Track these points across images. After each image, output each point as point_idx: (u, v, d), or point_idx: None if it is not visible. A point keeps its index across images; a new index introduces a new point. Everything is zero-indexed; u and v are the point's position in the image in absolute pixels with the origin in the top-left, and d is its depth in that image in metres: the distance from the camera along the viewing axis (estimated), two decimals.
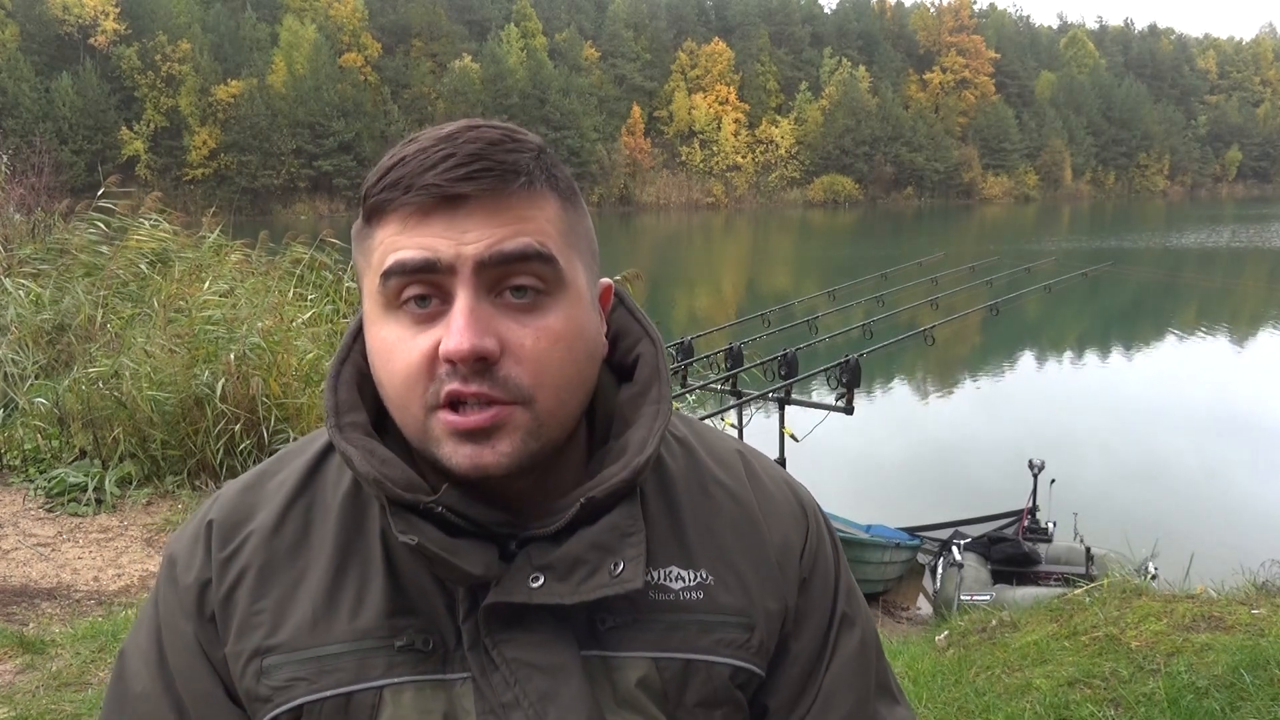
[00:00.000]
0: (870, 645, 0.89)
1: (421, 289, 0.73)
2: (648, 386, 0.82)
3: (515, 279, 0.73)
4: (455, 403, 0.72)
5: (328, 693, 0.76)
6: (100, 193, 9.37)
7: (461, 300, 0.71)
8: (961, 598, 6.51)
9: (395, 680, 0.76)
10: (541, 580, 0.75)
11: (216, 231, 8.85)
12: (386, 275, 0.73)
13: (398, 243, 0.73)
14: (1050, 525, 7.83)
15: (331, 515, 0.82)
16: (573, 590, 0.75)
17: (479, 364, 0.71)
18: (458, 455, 0.73)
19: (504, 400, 0.72)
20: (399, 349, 0.73)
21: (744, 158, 77.06)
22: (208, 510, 0.85)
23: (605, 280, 0.84)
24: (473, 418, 0.72)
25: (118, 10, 60.13)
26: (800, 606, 0.86)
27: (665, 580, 0.80)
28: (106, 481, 5.57)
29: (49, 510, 5.43)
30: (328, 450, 0.85)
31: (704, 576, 0.81)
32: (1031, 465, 7.83)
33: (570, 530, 0.76)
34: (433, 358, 0.72)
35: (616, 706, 0.77)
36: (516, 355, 0.72)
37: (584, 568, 0.75)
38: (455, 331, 0.70)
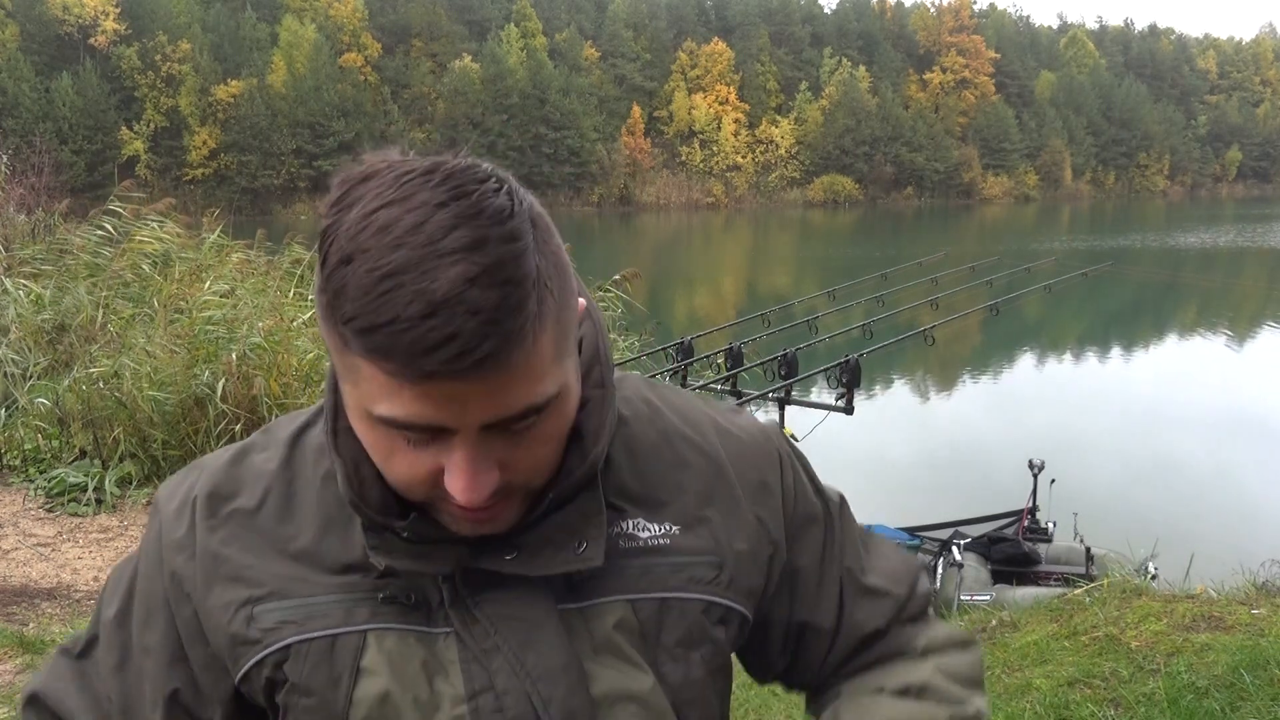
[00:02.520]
0: (845, 511, 0.98)
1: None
2: (589, 370, 0.83)
3: (514, 423, 0.72)
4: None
5: (315, 634, 0.80)
6: (111, 197, 9.36)
7: (463, 455, 0.72)
8: (961, 598, 6.51)
9: (379, 626, 0.80)
10: (514, 555, 0.79)
11: (217, 232, 8.85)
12: (385, 422, 0.71)
13: (394, 398, 0.69)
14: (1050, 525, 7.83)
15: (313, 490, 0.85)
16: (542, 565, 0.79)
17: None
18: (460, 526, 0.77)
19: (504, 498, 0.76)
20: (397, 458, 0.74)
21: (744, 158, 77.02)
22: (194, 484, 0.88)
23: (580, 301, 0.80)
24: (480, 514, 0.76)
25: (118, 10, 60.12)
26: (791, 533, 0.91)
27: (634, 531, 0.84)
28: (106, 481, 5.58)
29: (49, 510, 5.43)
30: (310, 426, 0.89)
31: (669, 528, 0.85)
32: (1031, 465, 7.83)
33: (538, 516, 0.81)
34: (435, 478, 0.73)
35: (595, 653, 0.81)
36: (515, 469, 0.75)
37: (551, 546, 0.80)
38: (462, 488, 0.72)
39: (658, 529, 0.84)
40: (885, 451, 11.06)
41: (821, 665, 0.95)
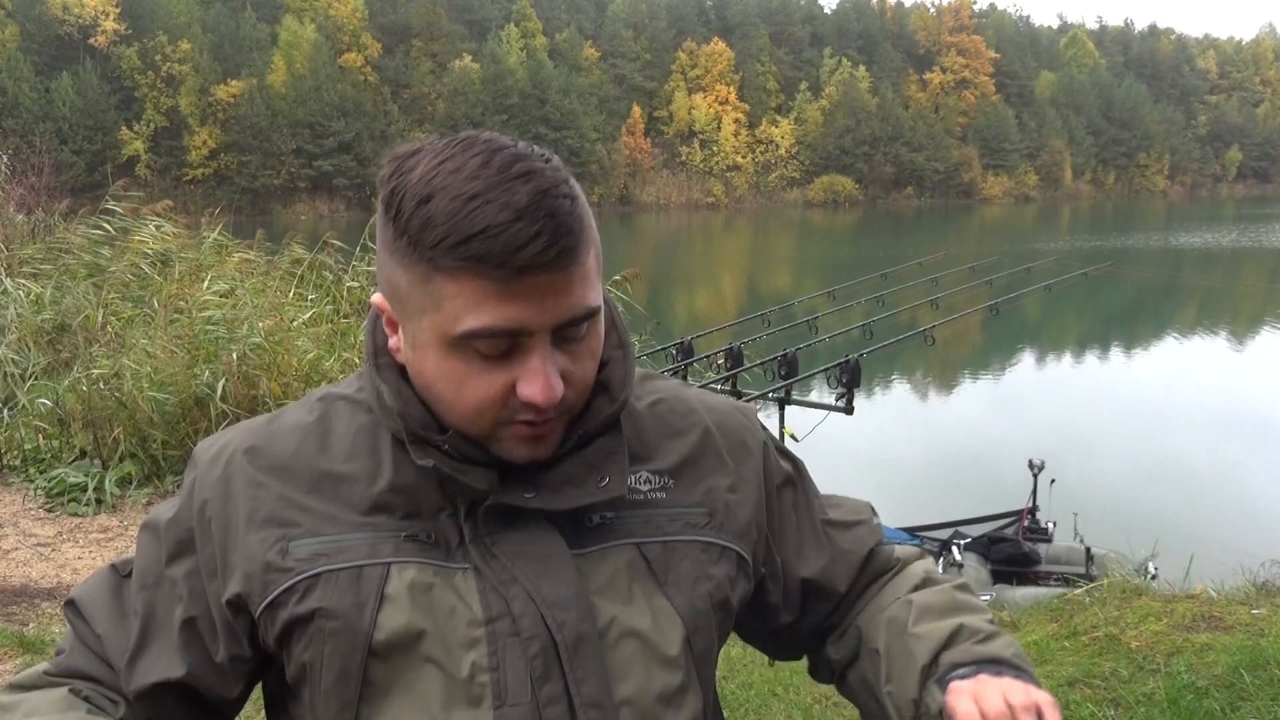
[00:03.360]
0: (805, 469, 1.10)
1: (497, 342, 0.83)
2: (609, 334, 0.95)
3: (574, 329, 0.85)
4: (527, 424, 0.86)
5: (343, 565, 0.89)
6: (106, 196, 9.35)
7: (539, 357, 0.83)
8: None
9: (401, 559, 0.89)
10: (534, 493, 0.89)
11: (217, 231, 8.85)
12: (471, 335, 0.82)
13: (481, 306, 0.81)
14: (1050, 525, 7.82)
15: (346, 440, 0.94)
16: (564, 500, 0.89)
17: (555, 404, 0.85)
18: (517, 453, 0.87)
19: (559, 414, 0.87)
20: (470, 381, 0.84)
21: (744, 158, 77.02)
22: (231, 439, 0.97)
23: None
24: (540, 430, 0.87)
25: (118, 10, 60.12)
26: (769, 489, 1.03)
27: (637, 484, 0.95)
28: (106, 481, 5.58)
29: (49, 510, 5.43)
30: (338, 396, 0.99)
31: (666, 480, 0.96)
32: (1031, 465, 7.82)
33: (560, 456, 0.90)
34: (508, 392, 0.84)
35: (601, 592, 0.90)
36: (571, 383, 0.86)
37: (571, 484, 0.90)
38: (541, 388, 0.83)
39: (657, 482, 0.96)
40: (885, 452, 11.06)
41: (831, 598, 1.07)
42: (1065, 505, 7.90)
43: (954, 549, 7.18)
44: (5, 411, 6.49)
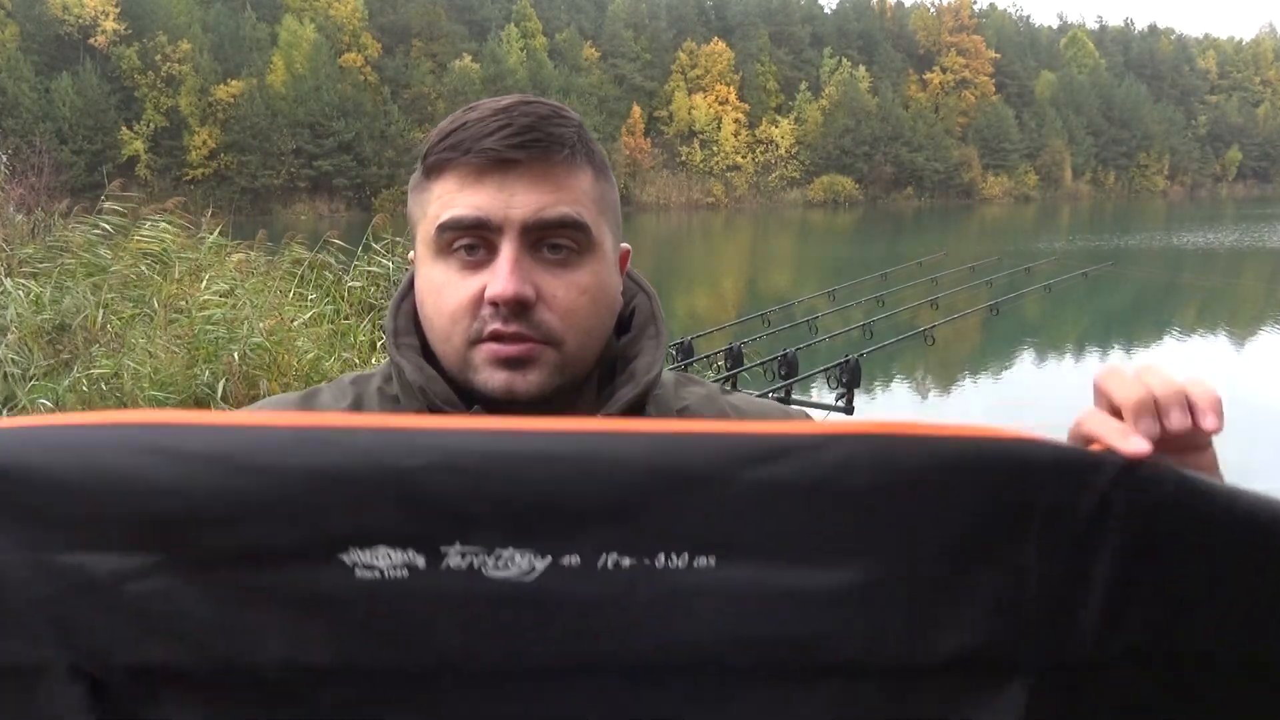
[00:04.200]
0: None
1: (471, 240, 0.86)
2: (644, 327, 0.97)
3: (552, 239, 0.86)
4: (495, 337, 0.86)
5: None
6: (102, 197, 9.34)
7: (506, 253, 0.84)
8: None
9: None
10: None
11: (216, 232, 8.84)
12: (442, 228, 0.86)
13: (454, 199, 0.86)
14: None
15: None
16: None
17: (518, 307, 0.84)
18: (494, 380, 0.86)
19: (536, 339, 0.86)
20: (448, 289, 0.87)
21: (744, 158, 76.98)
22: (263, 407, 0.99)
23: (625, 245, 0.98)
24: (510, 348, 0.85)
25: (118, 10, 60.11)
26: None
27: None
28: None
29: None
30: (370, 383, 1.00)
31: None
32: None
33: None
34: (478, 299, 0.85)
35: None
36: (549, 303, 0.86)
37: None
38: (501, 279, 0.84)
39: None
40: None
41: None
42: None
43: None
44: (5, 412, 6.49)
